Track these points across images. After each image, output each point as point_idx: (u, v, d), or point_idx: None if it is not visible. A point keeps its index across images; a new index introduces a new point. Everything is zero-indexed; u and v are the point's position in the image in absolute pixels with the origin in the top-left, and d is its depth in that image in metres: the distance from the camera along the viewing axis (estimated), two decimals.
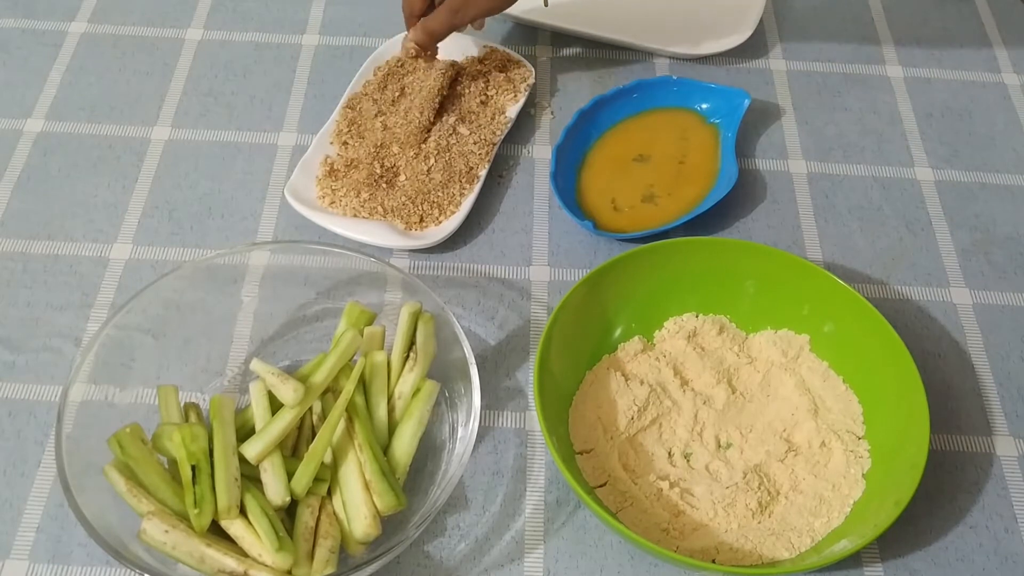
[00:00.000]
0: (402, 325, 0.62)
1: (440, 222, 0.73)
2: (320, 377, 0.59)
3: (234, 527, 0.54)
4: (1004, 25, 0.94)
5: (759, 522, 0.59)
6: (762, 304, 0.67)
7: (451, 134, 0.78)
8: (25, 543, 0.59)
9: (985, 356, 0.69)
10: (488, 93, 0.81)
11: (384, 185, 0.75)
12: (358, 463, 0.56)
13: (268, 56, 0.87)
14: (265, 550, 0.53)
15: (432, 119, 0.78)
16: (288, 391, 0.57)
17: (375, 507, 0.55)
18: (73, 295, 0.70)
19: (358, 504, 0.55)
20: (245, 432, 0.58)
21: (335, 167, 0.76)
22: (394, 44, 0.84)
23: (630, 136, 0.81)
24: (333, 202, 0.74)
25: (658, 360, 0.66)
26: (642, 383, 0.64)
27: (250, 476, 0.56)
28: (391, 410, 0.60)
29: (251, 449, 0.56)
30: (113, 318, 0.59)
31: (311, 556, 0.54)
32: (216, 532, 0.54)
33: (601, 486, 0.60)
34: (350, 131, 0.78)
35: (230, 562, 0.52)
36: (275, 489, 0.55)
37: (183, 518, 0.54)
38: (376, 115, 0.79)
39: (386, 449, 0.59)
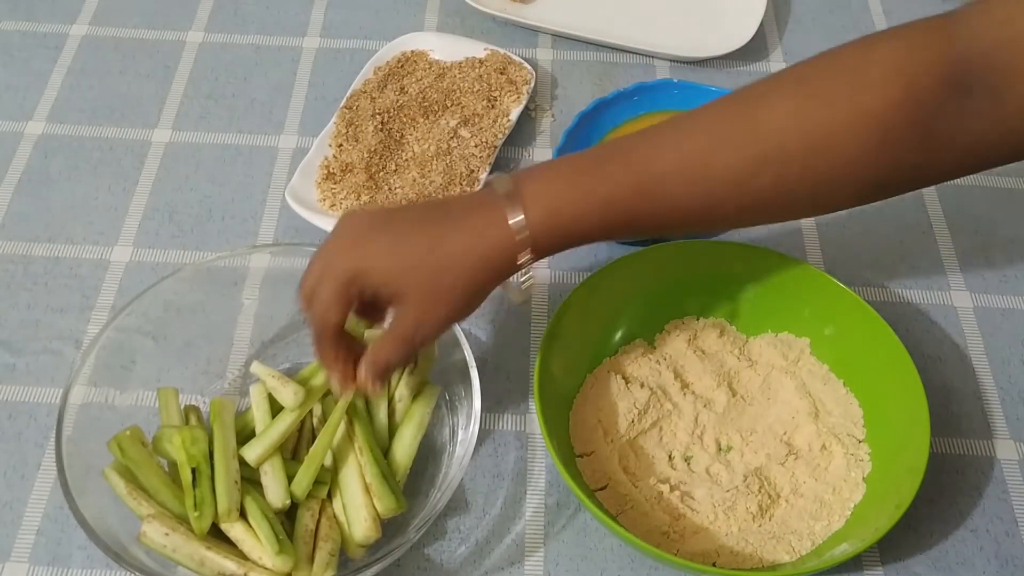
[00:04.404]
0: None
1: None
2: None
3: (234, 530, 0.54)
4: None
5: (759, 525, 0.59)
6: (762, 307, 0.67)
7: (452, 137, 0.77)
8: (25, 545, 0.59)
9: (986, 359, 0.69)
10: (489, 96, 0.81)
11: (384, 188, 0.75)
12: (358, 466, 0.56)
13: (269, 59, 0.87)
14: (265, 553, 0.53)
15: None
16: (288, 394, 0.57)
17: (375, 510, 0.55)
18: (73, 297, 0.70)
19: (358, 507, 0.55)
20: (245, 435, 0.58)
21: (335, 170, 0.76)
22: (395, 46, 0.84)
23: None
24: (334, 205, 0.74)
25: (658, 363, 0.66)
26: (642, 386, 0.64)
27: (250, 479, 0.56)
28: (391, 413, 0.60)
29: (251, 452, 0.56)
30: (113, 320, 0.59)
31: (311, 559, 0.54)
32: (216, 535, 0.54)
33: (601, 489, 0.60)
34: (348, 133, 0.78)
35: (230, 565, 0.52)
36: (275, 492, 0.55)
37: (183, 521, 0.54)
38: (372, 115, 0.78)
39: (386, 452, 0.59)
